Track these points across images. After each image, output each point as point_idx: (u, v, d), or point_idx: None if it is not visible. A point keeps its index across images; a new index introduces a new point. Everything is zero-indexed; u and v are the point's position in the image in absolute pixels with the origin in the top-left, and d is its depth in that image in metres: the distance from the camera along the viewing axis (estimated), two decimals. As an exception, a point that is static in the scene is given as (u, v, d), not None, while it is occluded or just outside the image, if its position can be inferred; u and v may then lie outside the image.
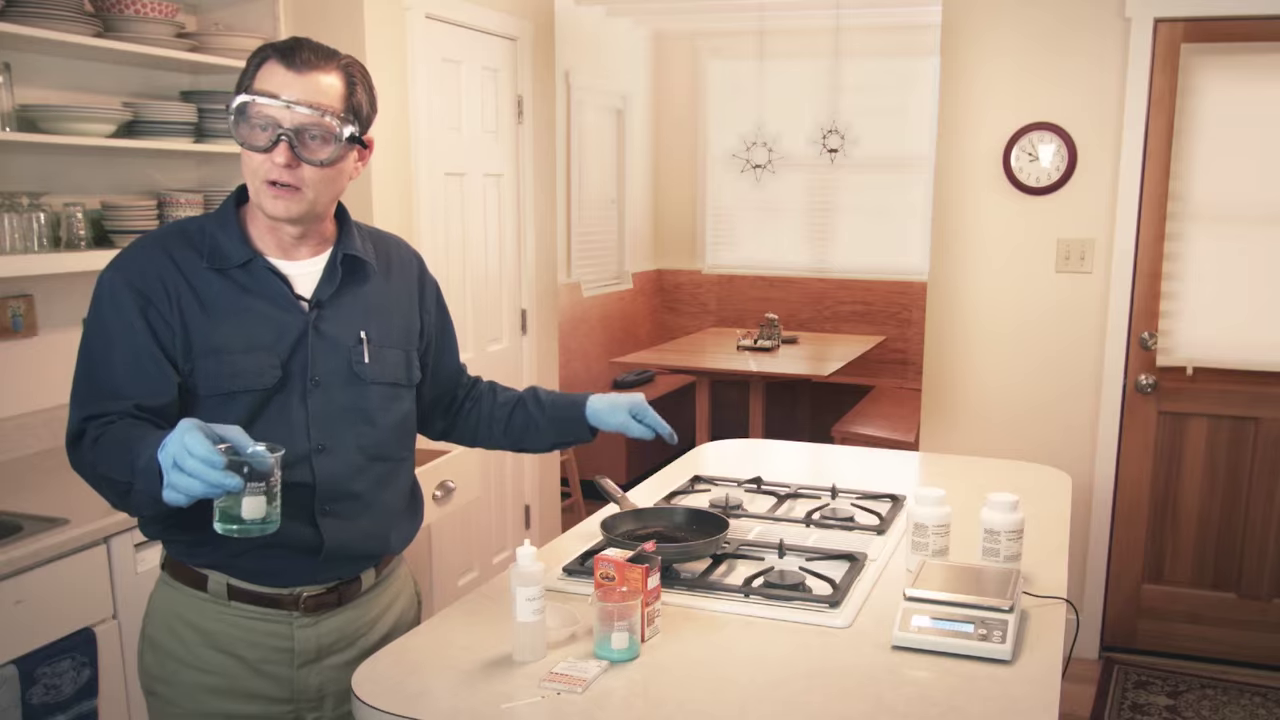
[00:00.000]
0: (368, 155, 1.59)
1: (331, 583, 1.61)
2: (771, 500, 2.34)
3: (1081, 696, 3.36)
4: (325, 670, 1.62)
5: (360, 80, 1.54)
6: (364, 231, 1.68)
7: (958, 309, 3.68)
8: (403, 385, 1.67)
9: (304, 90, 1.46)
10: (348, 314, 1.59)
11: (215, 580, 1.56)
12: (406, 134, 3.31)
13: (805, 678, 1.49)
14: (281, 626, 1.58)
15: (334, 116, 1.47)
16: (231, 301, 1.51)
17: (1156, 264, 3.47)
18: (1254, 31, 3.30)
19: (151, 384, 1.47)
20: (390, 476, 1.67)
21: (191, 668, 1.57)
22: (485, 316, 3.80)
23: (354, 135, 1.51)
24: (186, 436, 1.28)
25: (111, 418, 1.46)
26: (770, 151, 5.86)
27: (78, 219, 2.62)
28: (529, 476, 4.15)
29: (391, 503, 1.68)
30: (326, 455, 1.56)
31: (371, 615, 1.68)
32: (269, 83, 1.46)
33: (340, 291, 1.59)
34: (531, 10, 3.96)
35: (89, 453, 1.45)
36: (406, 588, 1.81)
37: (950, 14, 3.57)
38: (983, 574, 1.70)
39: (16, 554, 1.96)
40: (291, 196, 1.49)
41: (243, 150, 1.49)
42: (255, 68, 1.49)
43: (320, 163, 1.48)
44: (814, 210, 6.45)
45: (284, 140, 1.45)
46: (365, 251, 1.63)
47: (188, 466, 1.27)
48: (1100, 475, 3.59)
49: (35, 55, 2.59)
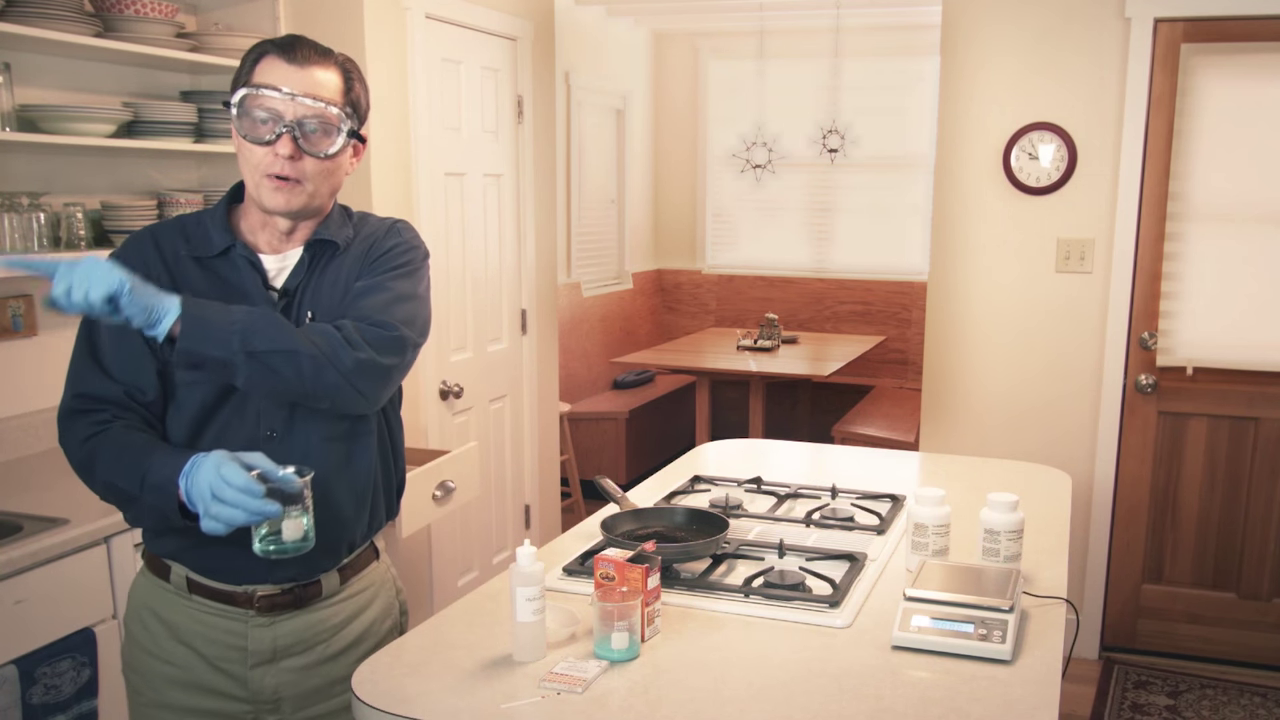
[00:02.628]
0: (362, 151, 1.61)
1: (287, 584, 1.59)
2: (771, 500, 2.34)
3: (1081, 696, 3.36)
4: (281, 672, 1.61)
5: (357, 77, 1.56)
6: (350, 218, 1.66)
7: (958, 309, 3.68)
8: None
9: (305, 84, 1.47)
10: (312, 299, 1.59)
11: (176, 572, 1.59)
12: (406, 134, 3.31)
13: (805, 678, 1.49)
14: (237, 624, 1.58)
15: (335, 108, 1.49)
16: (205, 291, 1.53)
17: (1156, 264, 3.47)
18: (1254, 31, 3.30)
19: (134, 371, 1.52)
20: (343, 459, 1.60)
21: (156, 658, 1.59)
22: (485, 316, 3.80)
23: (352, 129, 1.54)
24: (223, 469, 1.34)
25: (106, 412, 1.50)
26: (770, 151, 5.85)
27: (78, 219, 2.62)
28: (529, 476, 4.15)
29: (347, 488, 1.61)
30: (278, 442, 1.55)
31: (334, 622, 1.65)
32: (269, 77, 1.47)
33: (310, 278, 1.59)
34: (531, 10, 3.96)
35: (84, 446, 1.49)
36: (382, 594, 1.74)
37: (950, 14, 3.57)
38: (983, 574, 1.70)
39: (16, 554, 1.96)
40: (292, 189, 1.50)
41: (242, 145, 1.50)
42: (253, 63, 1.50)
43: (323, 155, 1.50)
44: (814, 210, 6.45)
45: (286, 132, 1.47)
46: (339, 234, 1.61)
47: (228, 497, 1.34)
48: (1100, 475, 3.59)
49: (35, 55, 2.59)
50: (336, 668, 1.65)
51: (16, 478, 2.46)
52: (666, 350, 5.66)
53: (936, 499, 1.87)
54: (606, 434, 5.43)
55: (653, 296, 6.83)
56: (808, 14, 5.92)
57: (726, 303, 6.73)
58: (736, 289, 6.69)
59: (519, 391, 4.06)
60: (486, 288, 3.81)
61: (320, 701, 1.65)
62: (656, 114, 6.72)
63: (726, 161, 6.46)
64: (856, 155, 6.03)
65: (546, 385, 4.23)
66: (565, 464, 4.95)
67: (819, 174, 6.33)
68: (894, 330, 6.32)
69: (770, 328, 5.58)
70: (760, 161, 5.84)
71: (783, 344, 5.62)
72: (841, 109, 6.06)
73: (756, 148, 5.83)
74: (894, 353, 6.33)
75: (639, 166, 6.55)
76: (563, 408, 4.74)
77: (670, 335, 6.74)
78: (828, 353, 5.46)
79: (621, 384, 6.00)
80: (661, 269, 6.88)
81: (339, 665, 1.66)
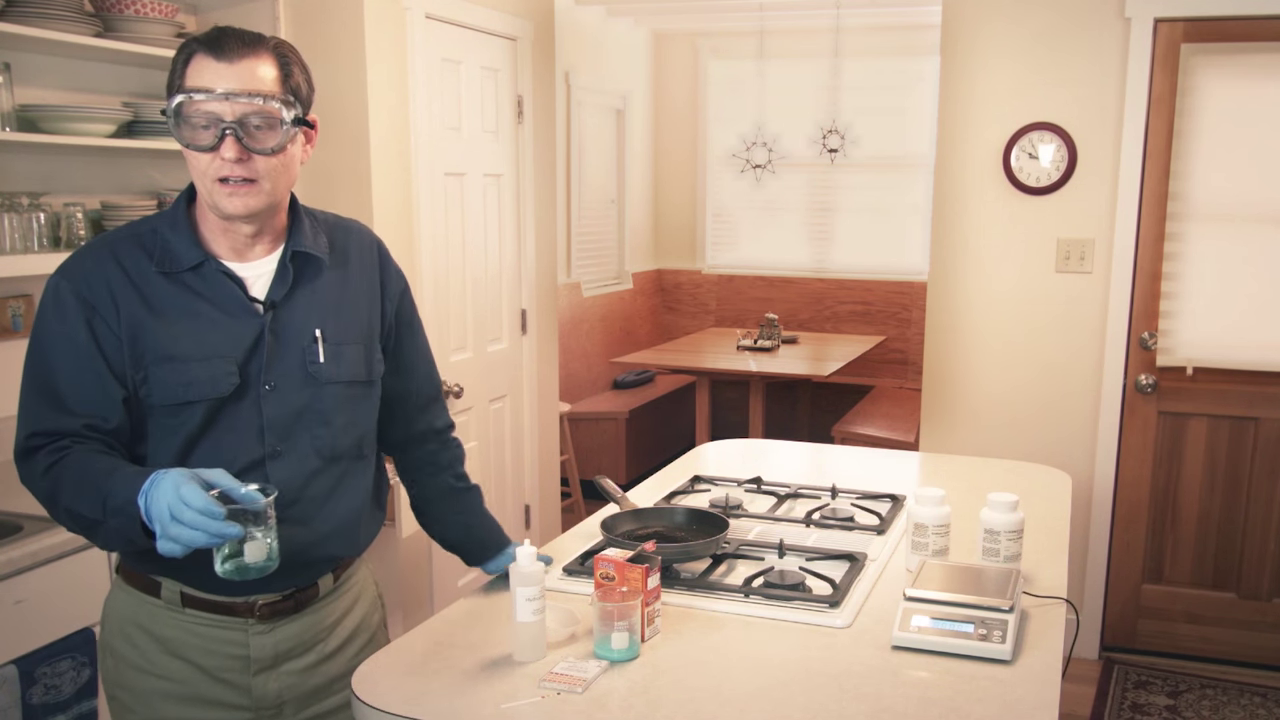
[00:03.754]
0: (314, 136, 1.54)
1: (287, 590, 1.58)
2: (771, 500, 2.34)
3: (1081, 696, 3.36)
4: (283, 676, 1.60)
5: (294, 60, 1.49)
6: (318, 221, 1.62)
7: (958, 309, 3.68)
8: (361, 382, 1.61)
9: (239, 79, 1.40)
10: (303, 313, 1.55)
11: (169, 587, 1.54)
12: (406, 134, 3.31)
13: (805, 678, 1.49)
14: (237, 634, 1.56)
15: (275, 100, 1.42)
16: (183, 307, 1.47)
17: (1156, 264, 3.47)
18: (1254, 31, 3.30)
19: (97, 402, 1.44)
20: (348, 477, 1.62)
21: (149, 674, 1.55)
22: (485, 316, 3.80)
23: (298, 117, 1.46)
24: (182, 489, 1.28)
25: (64, 441, 1.43)
26: (770, 151, 5.85)
27: (78, 219, 2.62)
28: (529, 476, 4.15)
29: (351, 504, 1.63)
30: (281, 460, 1.52)
31: (329, 621, 1.65)
32: (201, 78, 1.40)
33: (294, 290, 1.54)
34: (531, 10, 3.96)
35: (45, 479, 1.43)
36: (367, 590, 1.76)
37: (950, 14, 3.57)
38: (983, 574, 1.70)
39: (16, 554, 1.96)
40: (249, 191, 1.44)
41: (186, 152, 1.43)
42: (184, 65, 1.43)
43: (270, 150, 1.43)
44: (814, 210, 6.45)
45: (229, 134, 1.40)
46: (317, 245, 1.57)
47: (186, 519, 1.27)
48: (1100, 475, 3.59)
49: (35, 55, 2.59)
50: (334, 665, 1.66)
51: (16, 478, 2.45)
52: (666, 350, 5.67)
53: (936, 499, 1.87)
54: (606, 434, 5.43)
55: (653, 296, 6.83)
56: (808, 14, 5.92)
57: (726, 303, 6.73)
58: (736, 289, 6.69)
59: (519, 391, 4.06)
60: (486, 288, 3.80)
61: (321, 700, 1.65)
62: (656, 114, 6.72)
63: (726, 161, 6.46)
64: (856, 155, 6.03)
65: (546, 385, 4.23)
66: (565, 464, 4.95)
67: (819, 174, 6.33)
68: (894, 330, 6.32)
69: (770, 328, 5.58)
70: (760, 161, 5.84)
71: (783, 344, 5.62)
72: (841, 109, 6.06)
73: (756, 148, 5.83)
74: (894, 353, 6.33)
75: (639, 166, 6.55)
76: (563, 408, 4.74)
77: (670, 335, 6.74)
78: (828, 353, 5.46)
79: (621, 384, 6.00)
80: (661, 269, 6.88)
81: (336, 663, 1.66)
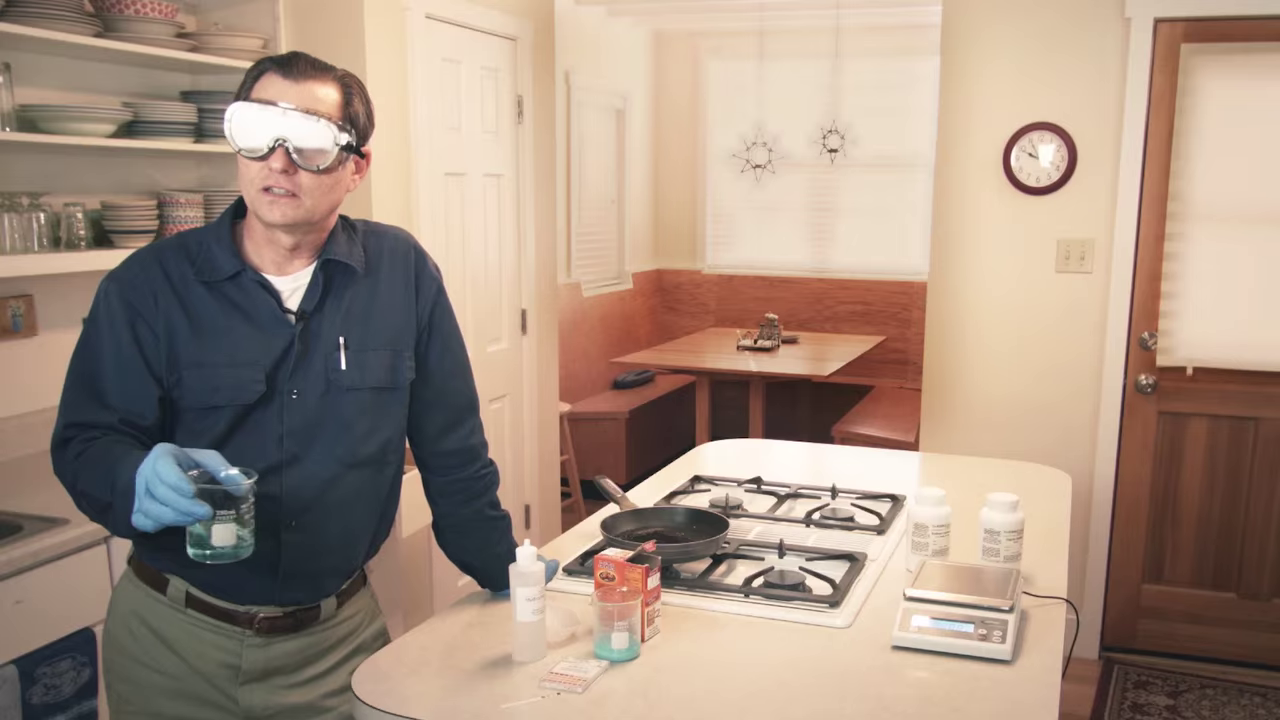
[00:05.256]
0: (365, 168, 1.58)
1: (290, 606, 1.60)
2: (771, 500, 2.34)
3: (1081, 696, 3.36)
4: (272, 689, 1.61)
5: (357, 92, 1.55)
6: (355, 231, 1.65)
7: (958, 309, 3.68)
8: (387, 389, 1.62)
9: (300, 98, 1.47)
10: (330, 321, 1.58)
11: (175, 586, 1.57)
12: (406, 134, 3.31)
13: (805, 678, 1.49)
14: (231, 643, 1.57)
15: (330, 123, 1.48)
16: (218, 316, 1.52)
17: (1156, 264, 3.47)
18: (1254, 31, 3.30)
19: (135, 398, 1.49)
20: (366, 485, 1.63)
21: (147, 667, 1.58)
22: (485, 316, 3.80)
23: (350, 144, 1.51)
24: (159, 463, 1.30)
25: (96, 432, 1.48)
26: (770, 151, 5.85)
27: (78, 219, 2.62)
28: (529, 476, 4.15)
29: (363, 513, 1.64)
30: (296, 466, 1.54)
31: (327, 645, 1.66)
32: (266, 92, 1.47)
33: (324, 300, 1.58)
34: (531, 10, 3.96)
35: (71, 465, 1.47)
36: (372, 619, 1.77)
37: (950, 14, 3.57)
38: (983, 574, 1.70)
39: (16, 554, 1.96)
40: (289, 202, 1.48)
41: (239, 159, 1.49)
42: (254, 80, 1.50)
43: (317, 169, 1.48)
44: (814, 210, 6.45)
45: (280, 146, 1.45)
46: (351, 254, 1.60)
47: (158, 494, 1.29)
48: (1100, 475, 3.59)
49: (35, 55, 2.59)
50: (327, 684, 1.66)
51: (16, 478, 2.46)
52: (666, 350, 5.66)
53: (936, 499, 1.87)
54: (606, 434, 5.43)
55: (653, 296, 6.83)
56: (808, 14, 5.92)
57: (726, 303, 6.73)
58: (736, 289, 6.69)
59: (519, 391, 4.06)
60: (486, 288, 3.80)
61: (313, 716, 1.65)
62: (656, 114, 6.72)
63: (726, 161, 6.45)
64: (856, 155, 6.02)
65: (546, 385, 4.22)
66: (565, 464, 4.95)
67: (819, 174, 6.32)
68: (894, 330, 6.32)
69: (770, 328, 5.58)
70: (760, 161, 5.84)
71: (783, 344, 5.62)
72: (841, 109, 6.06)
73: (756, 148, 5.82)
74: (894, 353, 6.33)
75: (639, 166, 6.55)
76: (563, 408, 4.74)
77: (670, 335, 6.74)
78: (828, 353, 5.46)
79: (621, 384, 6.00)
80: (661, 269, 6.88)
81: (328, 683, 1.66)
